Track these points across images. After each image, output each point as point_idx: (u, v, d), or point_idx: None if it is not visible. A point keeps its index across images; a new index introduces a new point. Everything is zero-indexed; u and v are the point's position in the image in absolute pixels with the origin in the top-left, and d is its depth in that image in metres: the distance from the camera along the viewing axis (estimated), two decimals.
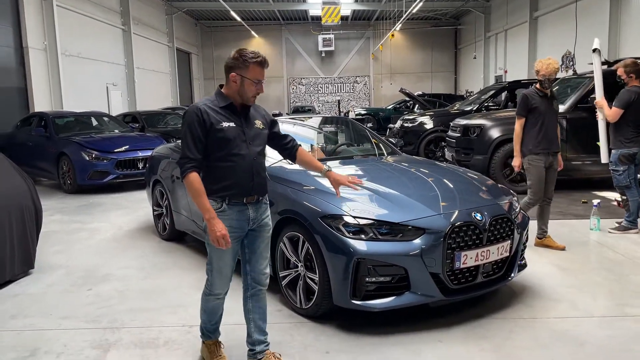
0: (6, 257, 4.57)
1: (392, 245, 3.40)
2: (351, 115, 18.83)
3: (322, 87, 30.55)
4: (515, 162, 5.24)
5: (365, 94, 30.77)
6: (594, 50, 5.65)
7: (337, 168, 4.61)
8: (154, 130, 12.71)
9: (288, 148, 3.20)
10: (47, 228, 6.74)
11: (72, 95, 15.19)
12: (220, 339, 3.23)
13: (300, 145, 3.27)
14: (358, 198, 3.71)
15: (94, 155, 9.31)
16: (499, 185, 4.49)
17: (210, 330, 3.16)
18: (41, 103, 13.93)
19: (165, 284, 4.57)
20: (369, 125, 16.99)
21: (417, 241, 3.41)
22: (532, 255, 5.04)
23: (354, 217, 3.47)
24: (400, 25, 24.30)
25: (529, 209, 5.17)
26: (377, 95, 30.58)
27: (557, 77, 5.31)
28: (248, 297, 3.09)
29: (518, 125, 5.18)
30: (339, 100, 25.38)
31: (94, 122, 11.57)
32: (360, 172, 4.55)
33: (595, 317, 3.69)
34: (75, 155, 9.34)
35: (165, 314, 3.91)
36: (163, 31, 24.23)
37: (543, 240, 5.34)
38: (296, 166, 4.52)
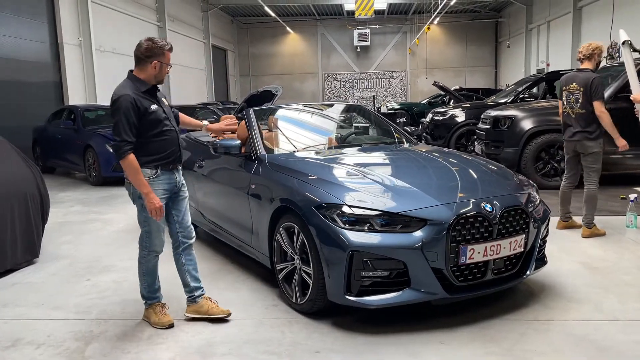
0: (7, 246, 4.51)
1: (390, 237, 3.12)
2: (383, 109, 18.41)
3: (357, 83, 30.12)
4: (623, 141, 5.10)
5: (401, 89, 30.18)
6: (624, 43, 5.24)
7: (350, 156, 4.34)
8: None
9: (175, 116, 3.62)
10: (64, 219, 6.76)
11: (107, 90, 15.30)
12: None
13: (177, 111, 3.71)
14: (359, 187, 3.45)
15: None
16: (519, 175, 4.12)
17: (153, 292, 3.50)
18: (75, 97, 14.13)
19: (164, 275, 4.34)
20: (403, 120, 16.55)
21: (418, 233, 3.11)
22: (559, 252, 4.68)
23: (350, 207, 3.20)
24: (438, 18, 23.68)
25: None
26: (413, 91, 29.91)
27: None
28: (180, 253, 3.55)
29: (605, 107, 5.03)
30: (374, 96, 25.02)
31: None
32: (366, 160, 4.27)
33: (620, 320, 3.30)
34: (100, 147, 9.38)
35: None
36: (199, 28, 24.36)
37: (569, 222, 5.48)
38: (303, 153, 4.34)
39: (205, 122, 3.84)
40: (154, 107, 3.28)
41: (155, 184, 3.28)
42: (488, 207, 3.25)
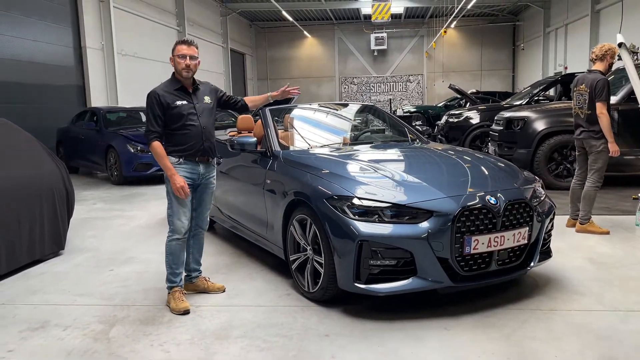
0: (36, 237, 4.76)
1: (398, 227, 3.27)
2: (399, 112, 18.52)
3: (374, 87, 30.23)
4: (615, 147, 5.14)
5: (418, 92, 30.22)
6: (620, 45, 5.32)
7: (363, 153, 4.47)
8: None
9: (238, 105, 4.07)
10: (89, 215, 7.02)
11: (128, 93, 15.73)
12: None
13: (243, 99, 4.11)
14: (369, 181, 3.61)
15: (139, 148, 9.60)
16: (526, 172, 4.24)
17: (173, 275, 3.72)
18: (98, 100, 14.49)
19: None
20: (418, 122, 16.62)
21: (424, 224, 3.27)
22: (566, 248, 4.78)
23: (359, 199, 3.37)
24: (455, 22, 23.72)
25: (596, 194, 5.29)
26: (430, 94, 29.93)
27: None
28: (190, 237, 3.88)
29: (606, 110, 5.12)
30: (390, 99, 25.11)
31: (144, 117, 11.93)
32: (378, 157, 4.42)
33: (620, 311, 3.41)
34: (121, 148, 9.67)
35: None
36: (218, 32, 24.72)
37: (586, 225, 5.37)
38: (316, 150, 4.51)
39: (269, 94, 4.20)
40: (179, 102, 3.64)
41: (178, 170, 3.62)
42: (492, 200, 3.39)
